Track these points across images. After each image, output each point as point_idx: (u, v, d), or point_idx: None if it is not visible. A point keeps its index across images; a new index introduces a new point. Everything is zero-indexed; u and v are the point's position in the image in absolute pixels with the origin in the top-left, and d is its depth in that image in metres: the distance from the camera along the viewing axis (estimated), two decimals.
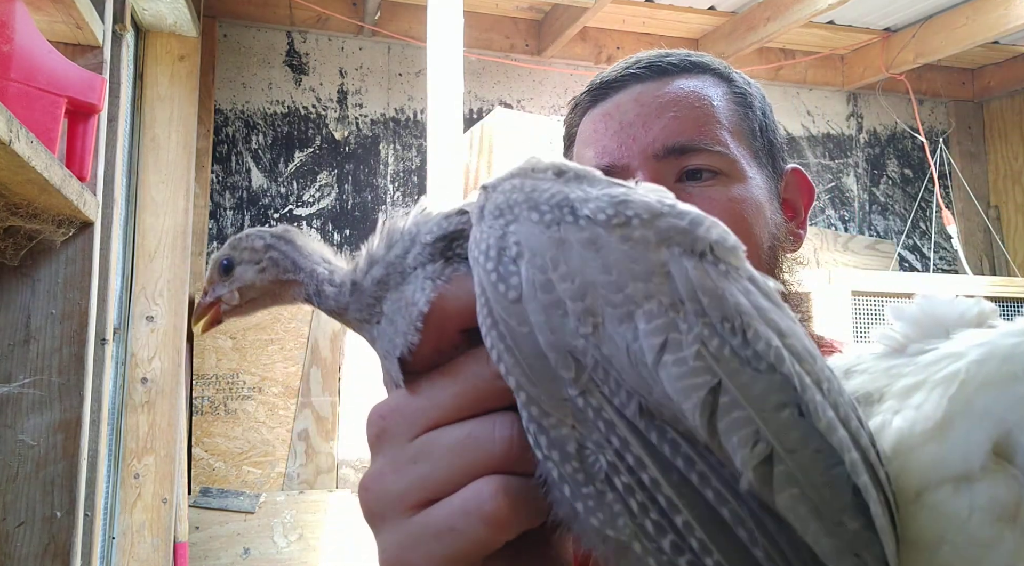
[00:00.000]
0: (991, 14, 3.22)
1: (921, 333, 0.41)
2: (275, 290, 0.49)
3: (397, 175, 3.43)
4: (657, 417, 0.35)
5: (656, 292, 0.36)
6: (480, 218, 0.40)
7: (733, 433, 0.33)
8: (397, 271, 0.44)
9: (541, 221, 0.39)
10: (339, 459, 3.05)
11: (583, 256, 0.37)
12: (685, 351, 0.34)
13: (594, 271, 0.36)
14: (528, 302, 0.37)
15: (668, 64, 0.86)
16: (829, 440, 0.33)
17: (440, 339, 0.42)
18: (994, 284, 3.19)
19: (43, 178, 1.15)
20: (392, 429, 0.43)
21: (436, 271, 0.42)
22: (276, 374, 3.01)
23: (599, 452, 0.35)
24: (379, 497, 0.42)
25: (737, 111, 0.86)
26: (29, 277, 1.40)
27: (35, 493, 1.35)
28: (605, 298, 0.36)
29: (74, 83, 1.31)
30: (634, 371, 0.35)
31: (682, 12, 3.50)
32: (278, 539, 2.90)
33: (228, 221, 3.19)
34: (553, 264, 0.37)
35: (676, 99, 0.84)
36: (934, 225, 4.06)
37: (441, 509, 0.39)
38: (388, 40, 3.42)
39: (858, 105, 4.12)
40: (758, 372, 0.34)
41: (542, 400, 0.36)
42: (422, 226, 0.44)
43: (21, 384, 1.36)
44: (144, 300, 2.65)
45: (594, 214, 0.38)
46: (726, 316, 0.35)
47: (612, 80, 0.88)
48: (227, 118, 3.23)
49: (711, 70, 0.88)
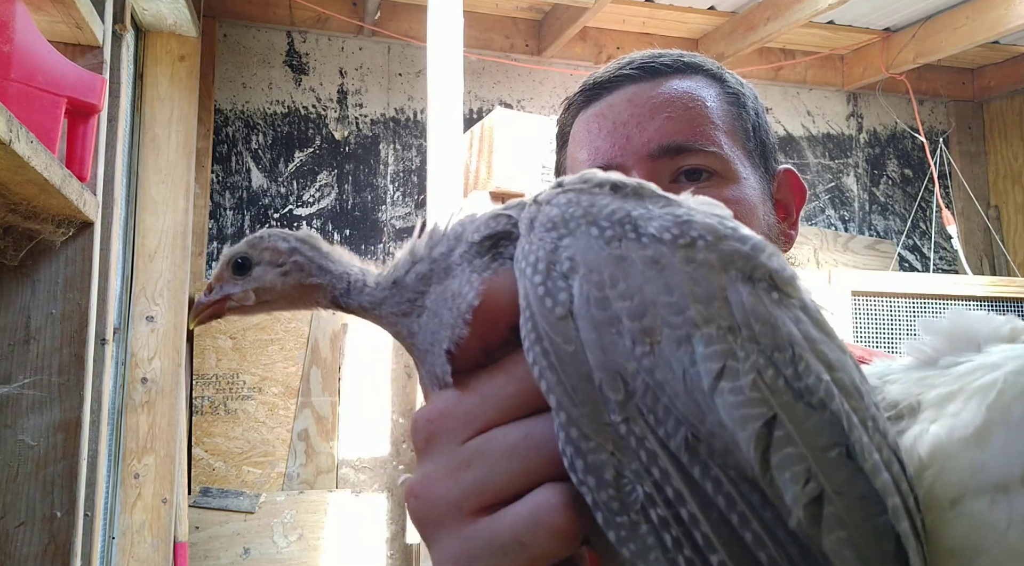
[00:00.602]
0: (991, 14, 3.22)
1: (952, 347, 0.41)
2: (294, 294, 0.48)
3: (397, 175, 3.43)
4: (703, 451, 0.34)
5: (716, 317, 0.35)
6: (530, 229, 0.39)
7: (786, 469, 0.32)
8: (441, 267, 0.43)
9: (601, 237, 0.38)
10: (339, 459, 3.05)
11: (645, 275, 0.36)
12: (742, 380, 0.33)
13: (655, 291, 0.36)
14: (580, 319, 0.36)
15: (661, 65, 0.86)
16: (874, 484, 0.33)
17: (489, 335, 0.40)
18: (994, 284, 3.19)
19: (43, 178, 1.15)
20: (442, 432, 0.41)
21: (483, 265, 0.41)
22: (276, 374, 3.01)
23: (637, 481, 0.34)
24: (433, 504, 0.40)
25: (730, 111, 0.86)
26: (29, 277, 1.40)
27: (35, 493, 1.35)
28: (664, 319, 0.35)
29: (74, 83, 1.31)
30: (688, 397, 0.34)
31: (682, 12, 3.50)
32: (278, 539, 2.90)
33: (228, 221, 3.19)
34: (612, 281, 0.36)
35: (670, 99, 0.83)
36: (934, 225, 4.06)
37: (507, 520, 0.37)
38: (388, 40, 3.42)
39: (858, 105, 4.12)
40: (810, 408, 0.34)
41: (583, 423, 0.35)
42: (468, 226, 0.43)
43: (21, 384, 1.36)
44: (144, 300, 2.65)
45: (659, 233, 0.37)
46: (779, 346, 0.35)
47: (605, 80, 0.88)
48: (227, 118, 3.23)
49: (704, 71, 0.88)
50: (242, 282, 0.48)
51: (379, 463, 3.09)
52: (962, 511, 0.35)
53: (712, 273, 0.36)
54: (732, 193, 0.81)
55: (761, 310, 0.36)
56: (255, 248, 0.48)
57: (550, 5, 3.40)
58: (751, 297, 0.36)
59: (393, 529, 3.05)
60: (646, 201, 0.40)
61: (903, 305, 3.03)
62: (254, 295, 0.47)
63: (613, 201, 0.39)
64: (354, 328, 3.12)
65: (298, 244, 0.47)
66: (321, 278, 0.47)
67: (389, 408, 3.12)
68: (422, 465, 0.42)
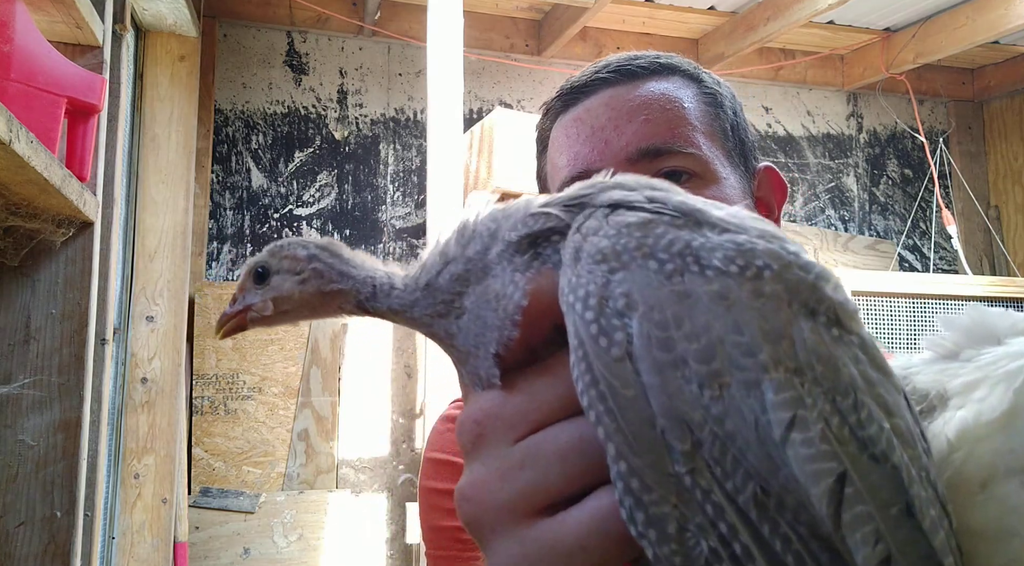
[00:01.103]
0: (991, 14, 3.22)
1: (972, 341, 0.42)
2: (315, 302, 0.46)
3: (397, 175, 3.43)
4: (772, 507, 0.32)
5: (784, 358, 0.33)
6: (575, 260, 0.37)
7: (857, 529, 0.31)
8: (478, 267, 0.41)
9: (661, 271, 0.35)
10: (339, 459, 3.05)
11: (712, 312, 0.34)
12: (812, 431, 0.32)
13: (724, 329, 0.33)
14: (640, 361, 0.34)
15: (638, 67, 0.86)
16: (933, 543, 0.32)
17: (533, 334, 0.39)
18: (994, 284, 3.19)
19: (43, 178, 1.15)
20: (491, 434, 0.39)
21: (524, 264, 0.40)
22: (276, 374, 3.01)
23: (702, 536, 0.32)
24: (486, 507, 0.38)
25: (708, 112, 0.86)
26: (29, 277, 1.40)
27: (35, 493, 1.35)
28: (734, 361, 0.33)
29: (74, 83, 1.31)
30: (761, 448, 0.32)
31: (682, 12, 3.50)
32: (278, 539, 2.90)
33: (228, 221, 3.19)
34: (676, 320, 0.34)
35: (647, 102, 0.83)
36: (934, 225, 4.06)
37: (570, 525, 0.36)
38: (388, 40, 3.42)
39: (858, 105, 4.12)
40: (874, 460, 0.33)
41: (644, 473, 0.33)
42: (503, 223, 0.41)
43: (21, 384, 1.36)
44: (144, 300, 2.65)
45: (724, 265, 0.35)
46: (842, 390, 0.33)
47: (582, 85, 0.88)
48: (227, 118, 3.23)
49: (681, 72, 0.87)
50: (261, 291, 0.47)
51: (379, 463, 3.09)
52: (992, 494, 0.36)
53: (780, 308, 0.34)
54: (712, 194, 0.81)
55: (823, 350, 0.34)
56: (274, 257, 0.47)
57: (550, 5, 3.40)
58: (813, 334, 0.34)
59: (393, 529, 3.05)
60: (705, 229, 0.37)
61: (903, 305, 3.03)
62: (272, 305, 0.46)
63: (669, 230, 0.37)
64: (354, 328, 3.12)
65: (317, 251, 0.46)
66: (343, 284, 0.46)
67: (389, 408, 3.12)
68: (471, 467, 0.40)
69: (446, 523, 0.87)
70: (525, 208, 0.42)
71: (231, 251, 3.18)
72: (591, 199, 0.40)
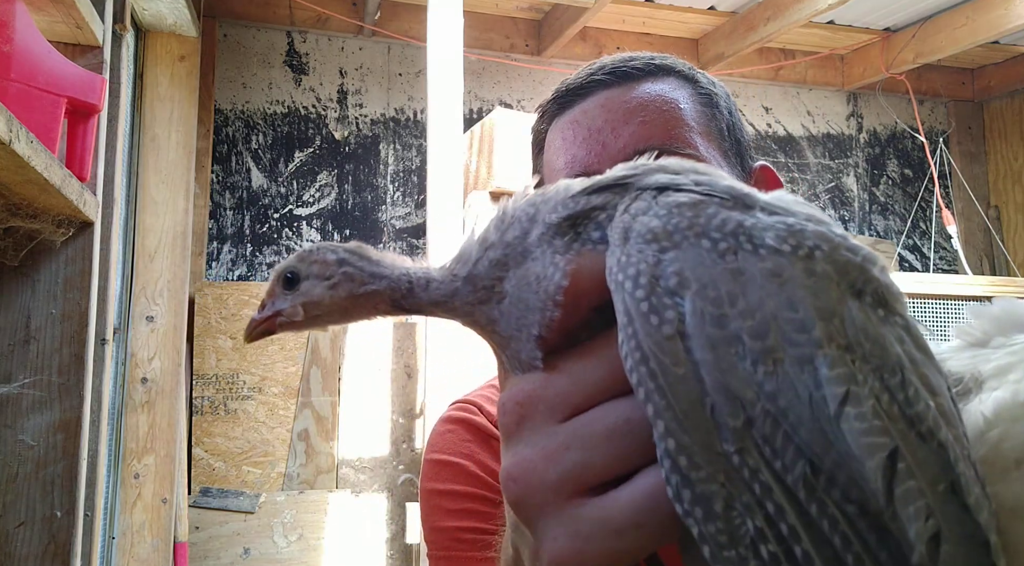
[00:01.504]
0: (991, 14, 3.22)
1: (1001, 329, 0.43)
2: (347, 306, 0.46)
3: (397, 175, 3.43)
4: (821, 486, 0.32)
5: (836, 335, 0.33)
6: (624, 240, 0.37)
7: (909, 504, 0.31)
8: (517, 251, 0.41)
9: (714, 250, 0.35)
10: (339, 459, 3.05)
11: (766, 290, 0.34)
12: (864, 406, 0.32)
13: (777, 307, 0.34)
14: (693, 339, 0.34)
15: (632, 68, 0.86)
16: (979, 520, 0.33)
17: (572, 316, 0.39)
18: (994, 284, 3.19)
19: (43, 178, 1.15)
20: (534, 415, 0.39)
21: (564, 246, 0.40)
22: (276, 374, 3.01)
23: (748, 515, 0.33)
24: (533, 487, 0.38)
25: (704, 112, 0.86)
26: (29, 277, 1.40)
27: (35, 493, 1.35)
28: (788, 338, 0.33)
29: (74, 83, 1.30)
30: (814, 424, 0.32)
31: (682, 12, 3.50)
32: (278, 539, 2.90)
33: (228, 221, 3.19)
34: (730, 298, 0.34)
35: (643, 104, 0.83)
36: (934, 225, 4.06)
37: (623, 502, 0.36)
38: (388, 40, 3.42)
39: (858, 105, 4.12)
40: (921, 438, 0.33)
41: (693, 451, 0.33)
42: (542, 207, 0.41)
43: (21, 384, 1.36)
44: (144, 300, 2.65)
45: (777, 244, 0.35)
46: (890, 368, 0.34)
47: (578, 87, 0.88)
48: (227, 118, 3.23)
49: (676, 73, 0.87)
50: (291, 297, 0.46)
51: (379, 463, 3.09)
52: None
53: (830, 287, 0.35)
54: None
55: (871, 329, 0.34)
56: (303, 262, 0.46)
57: (550, 5, 3.40)
58: (861, 313, 0.34)
59: (393, 529, 3.05)
60: (753, 210, 0.37)
61: None
62: (303, 310, 0.46)
63: (720, 211, 0.37)
64: (354, 328, 3.12)
65: (346, 255, 0.46)
66: (376, 284, 0.45)
67: (389, 408, 3.12)
68: (515, 448, 0.40)
69: (447, 524, 0.87)
70: (565, 191, 0.42)
71: (231, 251, 3.18)
72: (636, 180, 0.41)
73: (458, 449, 0.90)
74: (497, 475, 0.88)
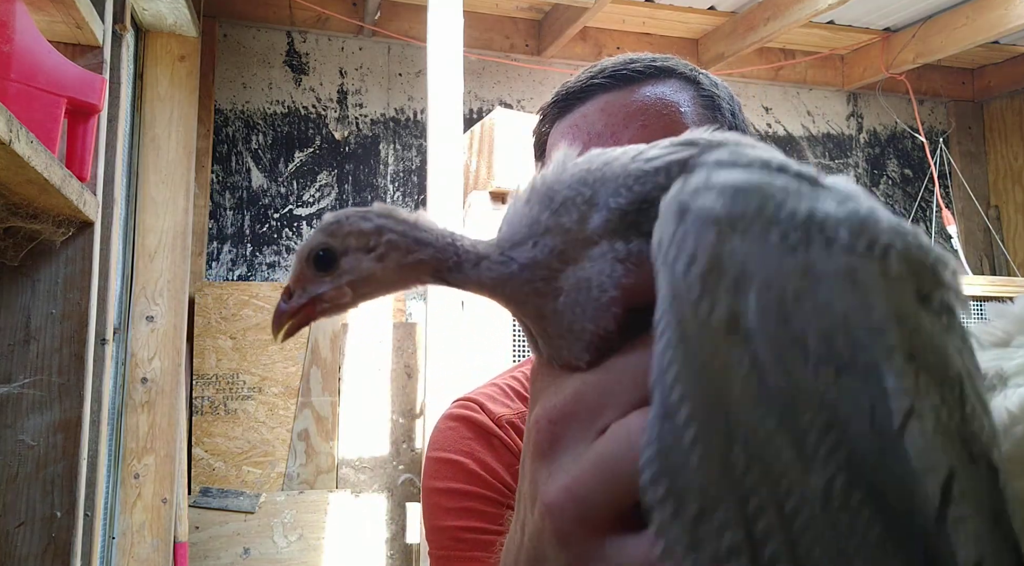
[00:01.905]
0: (991, 14, 3.22)
1: (1023, 329, 0.43)
2: (394, 278, 0.41)
3: (397, 175, 3.43)
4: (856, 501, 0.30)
5: (904, 343, 0.31)
6: (679, 219, 0.33)
7: (961, 527, 0.30)
8: (578, 240, 0.38)
9: (783, 243, 0.32)
10: (339, 459, 3.05)
11: (837, 290, 0.31)
12: (927, 422, 0.30)
13: (848, 309, 0.31)
14: (755, 338, 0.31)
15: (633, 71, 0.85)
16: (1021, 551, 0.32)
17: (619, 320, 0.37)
18: (994, 284, 3.19)
19: (43, 178, 1.15)
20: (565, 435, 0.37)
21: (624, 252, 0.37)
22: (276, 374, 3.01)
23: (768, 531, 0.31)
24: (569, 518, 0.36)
25: (705, 115, 0.85)
26: (29, 277, 1.40)
27: (35, 493, 1.35)
28: (858, 343, 0.31)
29: (74, 83, 1.30)
30: (875, 438, 0.30)
31: (682, 12, 3.50)
32: (278, 539, 2.90)
33: (228, 221, 3.19)
34: (797, 296, 0.31)
35: (643, 107, 0.82)
36: (934, 225, 4.06)
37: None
38: (388, 40, 3.42)
39: (858, 105, 4.12)
40: (971, 459, 0.32)
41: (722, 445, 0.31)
42: (599, 187, 0.38)
43: (21, 384, 1.36)
44: (144, 300, 2.65)
45: (852, 239, 0.32)
46: (949, 382, 0.32)
47: (578, 90, 0.87)
48: (227, 118, 3.23)
49: (677, 74, 0.86)
50: (331, 279, 0.40)
51: (379, 463, 3.09)
52: None
53: (904, 290, 0.32)
54: None
55: (936, 338, 0.32)
56: (335, 236, 0.40)
57: (550, 5, 3.40)
58: (928, 321, 0.32)
59: (393, 529, 3.05)
60: (823, 196, 0.34)
61: None
62: (350, 290, 0.41)
63: (788, 197, 0.33)
64: (354, 328, 3.12)
65: (383, 221, 0.40)
66: (423, 253, 0.40)
67: (389, 408, 3.12)
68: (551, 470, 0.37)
69: (447, 523, 0.87)
70: (623, 170, 0.38)
71: (231, 251, 3.18)
72: (697, 157, 0.37)
73: (458, 447, 0.90)
74: (498, 474, 0.88)
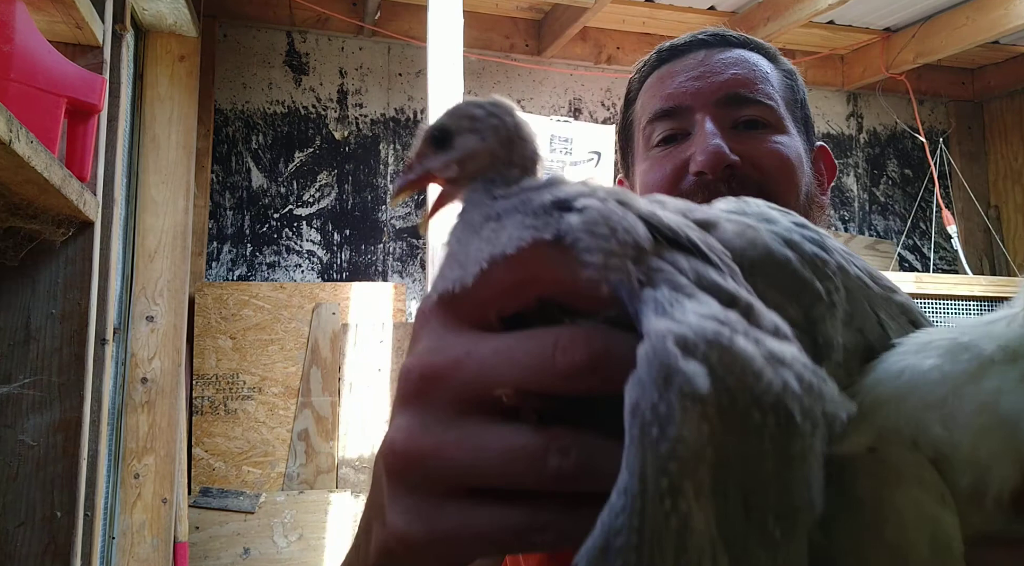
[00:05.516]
0: (991, 14, 3.22)
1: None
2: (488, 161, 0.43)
3: (397, 175, 3.43)
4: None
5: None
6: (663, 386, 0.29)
7: None
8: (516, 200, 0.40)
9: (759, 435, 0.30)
10: (339, 459, 3.05)
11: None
12: None
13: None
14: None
15: (731, 36, 0.98)
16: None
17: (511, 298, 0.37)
18: (994, 284, 3.19)
19: (43, 178, 1.15)
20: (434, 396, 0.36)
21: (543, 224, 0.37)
22: (276, 374, 3.01)
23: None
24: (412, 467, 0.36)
25: (786, 84, 0.96)
26: (29, 277, 1.40)
27: (35, 493, 1.35)
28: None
29: (74, 83, 1.30)
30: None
31: (682, 12, 3.50)
32: (278, 539, 2.90)
33: (228, 221, 3.19)
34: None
35: (737, 61, 0.94)
36: (934, 225, 4.06)
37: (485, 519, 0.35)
38: (388, 40, 3.42)
39: (858, 105, 4.12)
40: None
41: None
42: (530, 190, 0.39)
43: (21, 384, 1.37)
44: (144, 300, 2.65)
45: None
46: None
47: (681, 44, 0.98)
48: (227, 118, 3.23)
49: (763, 50, 0.99)
50: (444, 155, 0.44)
51: None
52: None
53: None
54: (785, 140, 0.90)
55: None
56: (452, 117, 0.45)
57: (550, 5, 3.40)
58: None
59: None
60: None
61: None
62: (457, 167, 0.44)
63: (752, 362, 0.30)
64: (354, 328, 3.12)
65: (493, 109, 0.44)
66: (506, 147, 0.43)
67: (389, 408, 3.12)
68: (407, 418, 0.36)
69: None
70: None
71: (231, 251, 3.18)
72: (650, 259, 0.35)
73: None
74: None
